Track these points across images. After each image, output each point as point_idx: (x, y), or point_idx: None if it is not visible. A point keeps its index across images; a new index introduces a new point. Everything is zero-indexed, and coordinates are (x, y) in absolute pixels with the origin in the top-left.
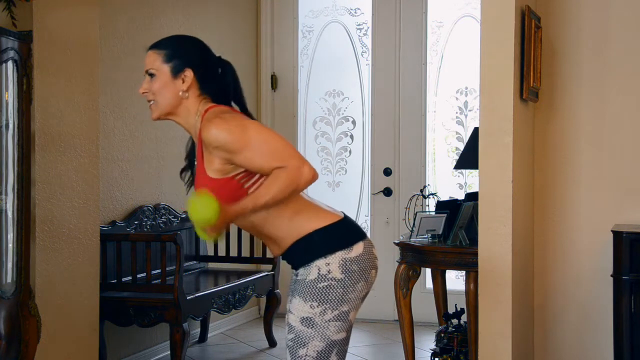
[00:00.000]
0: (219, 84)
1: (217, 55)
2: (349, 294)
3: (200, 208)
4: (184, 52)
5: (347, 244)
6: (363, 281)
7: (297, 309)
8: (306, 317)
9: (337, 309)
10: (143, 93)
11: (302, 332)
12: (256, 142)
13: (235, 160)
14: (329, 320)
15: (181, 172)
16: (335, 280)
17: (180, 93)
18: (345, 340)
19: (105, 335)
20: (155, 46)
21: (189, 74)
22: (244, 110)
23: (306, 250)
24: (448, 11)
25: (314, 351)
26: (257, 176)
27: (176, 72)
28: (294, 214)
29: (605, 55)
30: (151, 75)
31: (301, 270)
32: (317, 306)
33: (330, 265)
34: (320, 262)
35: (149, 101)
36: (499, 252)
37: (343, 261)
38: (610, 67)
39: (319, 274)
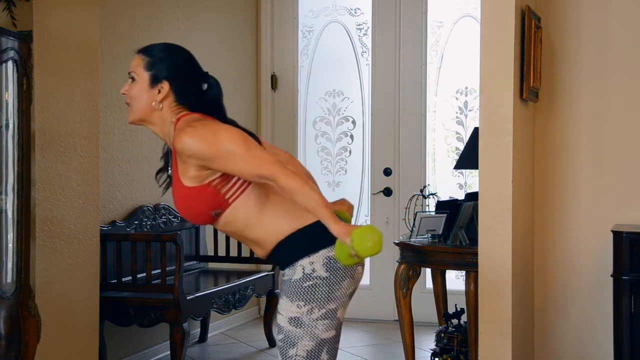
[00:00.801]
0: (199, 99)
1: (205, 71)
2: (335, 291)
3: (376, 240)
4: (167, 62)
5: (331, 241)
6: (349, 278)
7: (284, 309)
8: (294, 317)
9: (324, 307)
10: (123, 94)
11: (291, 332)
12: (229, 147)
13: (212, 166)
14: (316, 319)
15: (157, 174)
16: (320, 278)
17: (154, 103)
18: (335, 339)
19: (105, 335)
20: (143, 51)
21: (165, 86)
22: (224, 119)
23: (290, 250)
24: (448, 11)
25: (304, 350)
26: (233, 180)
27: (154, 82)
28: (274, 215)
29: (605, 55)
30: (132, 78)
31: (287, 271)
32: (304, 305)
33: (315, 264)
34: (304, 262)
35: (127, 103)
36: (499, 252)
37: (327, 259)
38: (610, 67)
39: (304, 273)
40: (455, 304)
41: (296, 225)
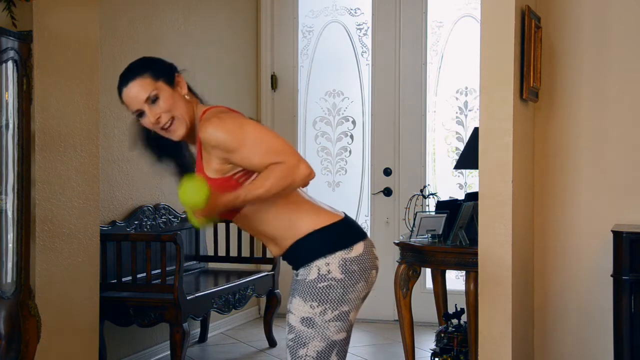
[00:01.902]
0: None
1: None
2: (349, 294)
3: (191, 191)
4: (160, 65)
5: (347, 244)
6: (363, 281)
7: (297, 309)
8: (306, 317)
9: (337, 309)
10: (157, 119)
11: (303, 332)
12: (253, 141)
13: (233, 159)
14: (329, 320)
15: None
16: (335, 280)
17: (187, 97)
18: (346, 341)
19: (105, 335)
20: (135, 75)
21: (180, 78)
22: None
23: (306, 250)
24: (448, 11)
25: (314, 351)
26: (255, 175)
27: (172, 82)
28: (293, 213)
29: (605, 55)
30: (154, 100)
31: (301, 271)
32: (317, 306)
33: (330, 265)
34: (320, 262)
35: (166, 123)
36: (499, 252)
37: (343, 261)
38: (610, 67)
39: (319, 274)
40: (455, 304)
41: (314, 226)
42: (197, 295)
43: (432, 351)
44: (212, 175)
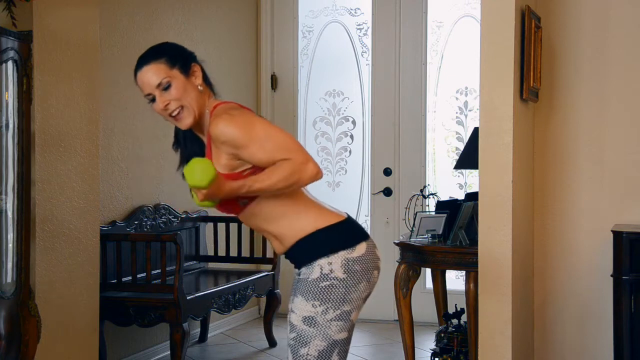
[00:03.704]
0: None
1: None
2: (351, 293)
3: (198, 172)
4: (179, 52)
5: (350, 244)
6: (365, 281)
7: (299, 308)
8: (308, 317)
9: (339, 308)
10: (166, 106)
11: (304, 331)
12: (262, 138)
13: (242, 155)
14: (330, 320)
15: (179, 166)
16: (337, 279)
17: (200, 88)
18: (347, 340)
19: (105, 335)
20: (151, 59)
21: (196, 68)
22: None
23: (309, 249)
24: (448, 11)
25: (316, 350)
26: None
27: (187, 71)
28: (298, 213)
29: (605, 55)
30: (166, 87)
31: (303, 269)
32: (319, 305)
33: (333, 264)
34: (322, 262)
35: (175, 110)
36: (499, 252)
37: (345, 261)
38: (610, 67)
39: (321, 273)
40: (455, 304)
41: (318, 225)
42: (197, 295)
43: (432, 351)
44: (221, 171)
